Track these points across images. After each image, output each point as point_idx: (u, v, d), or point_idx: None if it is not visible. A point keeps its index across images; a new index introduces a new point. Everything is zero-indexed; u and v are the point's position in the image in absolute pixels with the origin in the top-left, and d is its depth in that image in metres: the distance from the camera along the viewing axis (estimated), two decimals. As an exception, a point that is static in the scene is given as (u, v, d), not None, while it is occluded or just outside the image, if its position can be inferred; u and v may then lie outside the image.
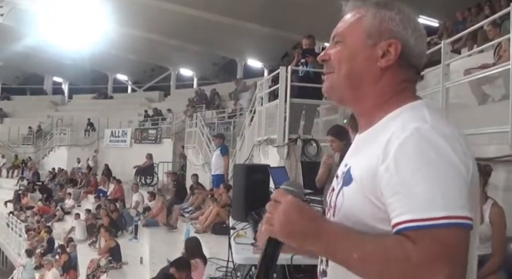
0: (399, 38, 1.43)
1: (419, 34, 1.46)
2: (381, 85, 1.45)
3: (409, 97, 1.44)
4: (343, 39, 1.50)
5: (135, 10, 23.49)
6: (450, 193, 1.23)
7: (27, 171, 26.80)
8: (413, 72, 1.49)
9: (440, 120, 1.34)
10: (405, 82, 1.46)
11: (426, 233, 1.20)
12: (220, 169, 12.83)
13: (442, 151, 1.25)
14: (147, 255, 11.97)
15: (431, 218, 1.21)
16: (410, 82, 1.48)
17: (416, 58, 1.46)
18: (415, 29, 1.46)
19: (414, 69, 1.48)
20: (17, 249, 19.44)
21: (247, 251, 4.01)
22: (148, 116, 26.72)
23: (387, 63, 1.43)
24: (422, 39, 1.47)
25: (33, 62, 34.15)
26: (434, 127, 1.29)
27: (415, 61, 1.47)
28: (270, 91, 10.78)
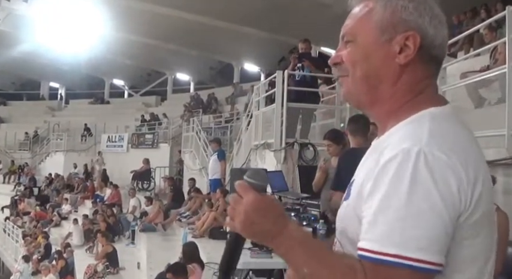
0: (416, 29, 1.28)
1: (439, 20, 1.31)
2: (399, 86, 1.31)
3: (425, 102, 1.30)
4: (353, 38, 1.35)
5: (132, 15, 23.50)
6: (412, 232, 1.11)
7: (24, 177, 26.73)
8: (435, 66, 1.35)
9: (442, 140, 1.19)
10: (426, 80, 1.33)
11: (376, 268, 1.13)
12: (218, 174, 12.82)
13: (420, 182, 1.13)
14: (144, 260, 11.93)
15: (383, 253, 1.12)
16: (431, 79, 1.35)
17: (438, 49, 1.32)
18: (433, 15, 1.30)
19: (435, 61, 1.34)
20: (13, 255, 19.36)
21: (244, 255, 4.00)
22: (145, 121, 26.70)
23: (406, 59, 1.29)
24: (442, 25, 1.32)
25: (30, 67, 34.16)
26: (425, 151, 1.15)
27: (437, 52, 1.32)
28: (266, 95, 10.79)
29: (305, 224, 4.44)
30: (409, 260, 1.10)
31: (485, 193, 1.19)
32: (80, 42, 27.65)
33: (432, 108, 1.28)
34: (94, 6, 23.45)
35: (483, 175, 1.20)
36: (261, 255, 3.96)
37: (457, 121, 1.29)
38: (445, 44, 1.34)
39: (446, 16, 1.35)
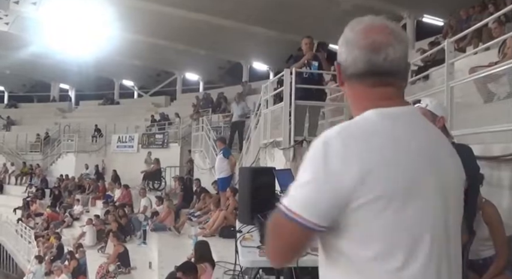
0: (339, 60, 1.67)
1: (351, 42, 1.62)
2: (350, 101, 1.71)
3: (365, 108, 1.60)
4: None
5: (140, 15, 23.55)
6: (299, 195, 1.51)
7: (36, 178, 26.91)
8: (360, 80, 1.63)
9: (345, 135, 1.54)
10: (363, 92, 1.64)
11: (276, 214, 1.56)
12: (224, 172, 12.86)
13: (313, 162, 1.52)
14: (155, 259, 11.98)
15: (283, 205, 1.53)
16: (369, 89, 1.62)
17: (351, 68, 1.63)
18: (347, 42, 1.64)
19: (357, 77, 1.63)
20: (26, 255, 19.51)
21: (254, 254, 4.01)
22: (155, 121, 26.77)
23: (339, 82, 1.71)
24: (352, 45, 1.62)
25: (40, 70, 34.37)
26: (327, 142, 1.53)
27: (352, 70, 1.63)
28: (275, 93, 10.77)
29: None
30: (292, 213, 1.50)
31: (382, 180, 1.46)
32: (89, 43, 27.76)
33: (365, 112, 1.59)
34: (102, 7, 23.53)
35: (383, 166, 1.47)
36: (270, 254, 3.95)
37: (376, 122, 1.56)
38: (357, 61, 1.62)
39: (454, 11, 1.57)
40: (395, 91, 1.63)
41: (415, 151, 1.53)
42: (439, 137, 1.68)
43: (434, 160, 1.56)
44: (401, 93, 1.65)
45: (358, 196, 1.45)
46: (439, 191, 1.54)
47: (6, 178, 28.45)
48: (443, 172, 1.58)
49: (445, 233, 1.56)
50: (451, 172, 1.62)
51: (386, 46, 1.58)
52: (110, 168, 24.24)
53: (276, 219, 1.55)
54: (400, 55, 1.60)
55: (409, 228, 1.49)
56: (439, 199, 1.54)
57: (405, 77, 1.67)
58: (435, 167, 1.56)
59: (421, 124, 1.64)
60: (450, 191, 1.59)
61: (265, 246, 1.68)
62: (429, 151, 1.57)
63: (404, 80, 1.67)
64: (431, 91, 7.35)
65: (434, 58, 10.48)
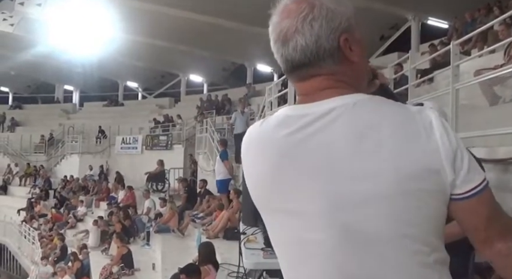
0: None
1: (270, 35, 1.47)
2: None
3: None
4: None
5: (144, 17, 23.57)
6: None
7: (40, 179, 26.95)
8: (290, 77, 1.47)
9: (266, 123, 1.42)
10: (296, 88, 1.47)
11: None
12: (222, 174, 12.94)
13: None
14: (159, 261, 11.98)
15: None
16: (296, 86, 1.46)
17: (282, 66, 1.47)
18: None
19: (288, 74, 1.47)
20: (30, 257, 19.52)
21: (257, 256, 4.00)
22: (159, 123, 26.78)
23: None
24: (271, 38, 1.47)
25: (44, 71, 34.43)
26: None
27: (282, 69, 1.47)
28: (279, 95, 10.77)
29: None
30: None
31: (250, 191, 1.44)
32: (93, 44, 27.81)
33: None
34: (106, 9, 23.57)
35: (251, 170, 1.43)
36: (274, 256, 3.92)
37: (261, 126, 1.42)
38: (279, 60, 1.45)
39: (459, 13, 1.40)
40: (319, 82, 1.38)
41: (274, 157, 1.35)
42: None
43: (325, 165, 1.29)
44: (332, 83, 1.37)
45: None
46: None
47: (10, 179, 28.52)
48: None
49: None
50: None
51: (293, 33, 1.36)
52: (114, 169, 24.26)
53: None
54: (315, 38, 1.34)
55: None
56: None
57: (340, 60, 1.36)
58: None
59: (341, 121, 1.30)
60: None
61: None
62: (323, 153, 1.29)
63: (339, 63, 1.36)
64: (436, 93, 7.32)
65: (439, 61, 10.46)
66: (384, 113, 1.30)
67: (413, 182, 1.24)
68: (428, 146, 1.25)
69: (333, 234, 1.28)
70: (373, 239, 1.26)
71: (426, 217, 1.27)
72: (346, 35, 1.35)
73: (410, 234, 1.26)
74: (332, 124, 1.29)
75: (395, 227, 1.25)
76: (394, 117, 1.29)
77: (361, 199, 1.25)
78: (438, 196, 1.28)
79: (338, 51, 1.35)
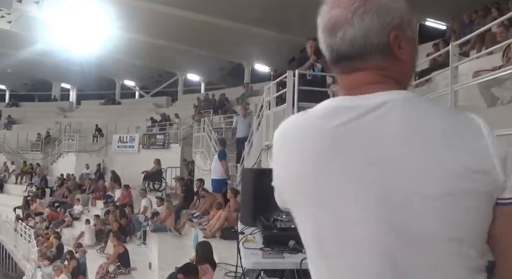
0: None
1: (318, 24, 1.42)
2: None
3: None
4: None
5: (142, 16, 23.57)
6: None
7: (36, 177, 26.90)
8: (335, 67, 1.41)
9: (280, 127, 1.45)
10: (339, 82, 1.43)
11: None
12: (218, 174, 12.97)
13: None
14: (155, 260, 11.96)
15: None
16: (340, 78, 1.41)
17: (326, 55, 1.42)
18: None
19: (332, 64, 1.41)
20: (26, 255, 19.47)
21: (256, 255, 3.98)
22: (156, 121, 26.77)
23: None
24: (319, 27, 1.41)
25: (41, 69, 34.39)
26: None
27: (327, 59, 1.41)
28: (277, 95, 10.76)
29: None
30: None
31: (284, 184, 1.43)
32: (91, 43, 27.78)
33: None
34: (104, 7, 23.55)
35: (288, 168, 1.39)
36: (272, 256, 3.94)
37: (302, 117, 1.41)
38: (324, 48, 1.40)
39: (457, 15, 1.37)
40: (367, 76, 1.35)
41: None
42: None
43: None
44: (380, 78, 1.35)
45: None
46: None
47: (7, 177, 28.46)
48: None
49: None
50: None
51: (343, 24, 1.33)
52: (111, 168, 24.23)
53: None
54: (365, 31, 1.32)
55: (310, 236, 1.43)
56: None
57: (388, 56, 1.34)
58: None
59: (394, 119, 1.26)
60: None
61: None
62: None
63: (387, 59, 1.35)
64: (435, 94, 7.33)
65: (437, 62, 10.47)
66: (433, 112, 1.28)
67: (462, 182, 1.21)
68: (478, 146, 1.23)
69: (379, 232, 1.24)
70: (421, 240, 1.23)
71: (474, 220, 1.23)
72: (396, 32, 1.33)
73: (459, 237, 1.23)
74: (385, 118, 1.26)
75: (444, 229, 1.22)
76: (443, 116, 1.28)
77: (409, 197, 1.22)
78: (486, 199, 1.23)
79: (387, 47, 1.33)
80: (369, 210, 1.24)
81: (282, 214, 4.85)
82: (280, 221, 4.57)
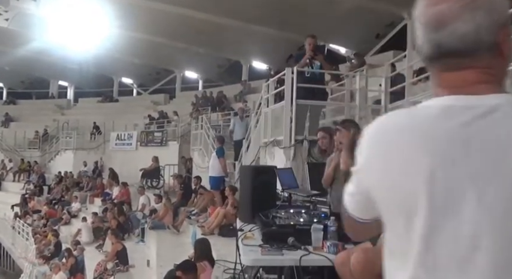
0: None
1: (416, 18, 1.34)
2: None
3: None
4: None
5: (140, 13, 23.53)
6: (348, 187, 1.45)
7: (34, 175, 26.88)
8: (434, 64, 1.34)
9: (375, 123, 1.35)
10: (435, 78, 1.35)
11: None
12: (216, 171, 13.00)
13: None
14: (154, 258, 11.96)
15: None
16: (439, 75, 1.34)
17: (424, 50, 1.34)
18: (415, 18, 1.34)
19: (429, 60, 1.34)
20: (23, 253, 19.47)
21: (255, 252, 3.99)
22: (154, 119, 26.75)
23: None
24: (417, 22, 1.34)
25: (39, 66, 34.32)
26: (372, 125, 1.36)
27: (424, 54, 1.34)
28: (275, 92, 10.76)
29: (315, 221, 4.42)
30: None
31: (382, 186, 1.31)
32: (88, 40, 27.71)
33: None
34: (102, 4, 23.51)
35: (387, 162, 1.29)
36: (271, 252, 3.95)
37: (409, 115, 1.32)
38: (425, 44, 1.32)
39: None
40: (475, 75, 1.30)
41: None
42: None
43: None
44: (488, 77, 1.30)
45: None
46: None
47: (4, 175, 28.44)
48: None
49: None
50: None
51: (452, 19, 1.28)
52: (108, 166, 24.20)
53: None
54: (476, 28, 1.27)
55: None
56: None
57: (495, 54, 1.30)
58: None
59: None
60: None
61: None
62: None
63: (494, 58, 1.30)
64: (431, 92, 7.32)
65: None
66: None
67: None
68: None
69: (496, 240, 1.18)
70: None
71: None
72: (505, 30, 1.29)
73: None
74: (503, 121, 1.21)
75: None
76: None
77: None
78: None
79: (495, 45, 1.28)
80: (491, 215, 1.18)
81: (281, 210, 4.86)
82: (279, 218, 4.59)
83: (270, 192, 5.34)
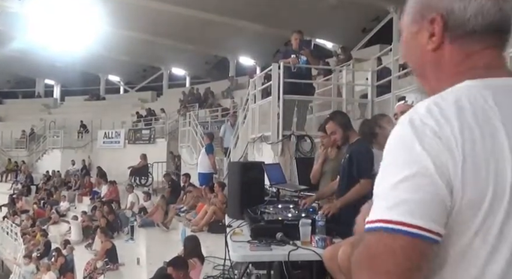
0: (440, 9, 1.21)
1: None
2: (441, 71, 1.24)
3: (462, 79, 1.19)
4: (401, 34, 1.35)
5: (126, 10, 23.43)
6: (395, 195, 1.07)
7: (21, 175, 26.71)
8: (484, 37, 1.21)
9: (439, 110, 1.11)
10: (472, 56, 1.22)
11: (364, 235, 1.11)
12: (205, 168, 13.02)
13: (406, 144, 1.09)
14: (143, 255, 11.92)
15: (370, 221, 1.10)
16: (479, 54, 1.22)
17: (473, 20, 1.20)
18: None
19: (476, 35, 1.21)
20: (13, 253, 19.36)
21: (244, 248, 4.00)
22: (141, 116, 26.67)
23: (434, 44, 1.23)
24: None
25: (25, 65, 34.00)
26: (413, 118, 1.12)
27: (472, 25, 1.20)
28: (262, 88, 10.76)
29: (304, 215, 4.43)
30: (387, 223, 1.06)
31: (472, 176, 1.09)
32: (74, 38, 27.51)
33: (464, 82, 1.18)
34: (88, 2, 23.35)
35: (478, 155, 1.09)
36: (260, 248, 3.96)
37: (476, 95, 1.15)
38: (484, 11, 1.19)
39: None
40: (501, 55, 1.24)
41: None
42: None
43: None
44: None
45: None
46: None
47: (-9, 175, 28.26)
48: None
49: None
50: None
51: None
52: (96, 164, 24.13)
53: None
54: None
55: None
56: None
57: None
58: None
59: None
60: None
61: None
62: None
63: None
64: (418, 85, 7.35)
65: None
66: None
67: None
68: None
69: None
70: None
71: None
72: None
73: None
74: None
75: None
76: None
77: None
78: None
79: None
80: None
81: (269, 206, 4.88)
82: (268, 214, 4.60)
83: (258, 188, 5.36)
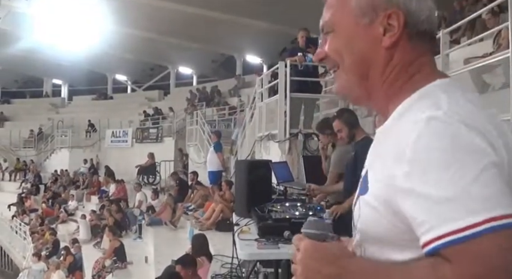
0: (398, 6, 1.18)
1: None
2: (391, 69, 1.21)
3: (427, 78, 1.18)
4: (333, 28, 1.27)
5: (132, 9, 23.47)
6: (484, 190, 0.97)
7: (30, 174, 26.82)
8: (428, 41, 1.22)
9: (463, 103, 1.09)
10: (421, 57, 1.21)
11: (463, 248, 0.96)
12: (215, 166, 13.02)
13: (463, 139, 1.01)
14: (151, 254, 11.96)
15: (465, 227, 0.96)
16: (427, 55, 1.22)
17: (426, 22, 1.20)
18: None
19: (426, 37, 1.22)
20: (21, 252, 19.46)
21: (252, 246, 4.00)
22: (149, 115, 26.72)
23: (392, 40, 1.19)
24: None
25: (32, 65, 34.17)
26: (451, 113, 1.05)
27: (425, 26, 1.20)
28: (269, 86, 10.75)
29: (311, 214, 4.43)
30: (501, 219, 0.94)
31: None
32: (81, 38, 27.61)
33: (438, 81, 1.17)
34: (94, 1, 23.41)
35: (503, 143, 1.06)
36: (267, 246, 3.95)
37: (466, 90, 1.17)
38: (433, 15, 1.22)
39: (448, 2, 1.28)
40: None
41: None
42: None
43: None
44: None
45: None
46: None
47: (0, 175, 28.37)
48: None
49: None
50: None
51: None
52: (104, 163, 24.20)
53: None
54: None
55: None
56: None
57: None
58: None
59: None
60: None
61: None
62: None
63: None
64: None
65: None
66: None
67: None
68: None
69: None
70: None
71: None
72: None
73: None
74: None
75: None
76: None
77: None
78: None
79: None
80: None
81: (277, 204, 4.87)
82: (275, 212, 4.59)
83: (266, 186, 5.34)
